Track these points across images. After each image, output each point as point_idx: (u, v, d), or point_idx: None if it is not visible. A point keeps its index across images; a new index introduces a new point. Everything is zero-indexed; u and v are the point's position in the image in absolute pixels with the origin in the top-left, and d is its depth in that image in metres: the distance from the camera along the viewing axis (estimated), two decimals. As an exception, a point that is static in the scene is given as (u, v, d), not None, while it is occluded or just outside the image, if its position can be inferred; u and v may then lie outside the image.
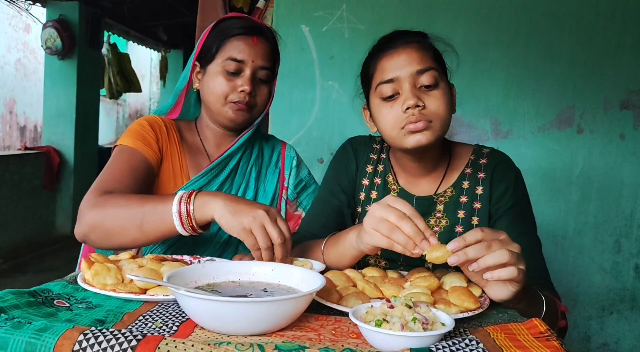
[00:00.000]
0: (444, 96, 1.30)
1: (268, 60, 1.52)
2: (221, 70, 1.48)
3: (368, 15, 2.76)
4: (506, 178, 1.38)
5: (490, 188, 1.38)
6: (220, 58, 1.48)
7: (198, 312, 0.87)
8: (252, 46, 1.48)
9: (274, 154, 1.67)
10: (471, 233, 0.98)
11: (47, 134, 6.11)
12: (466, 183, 1.40)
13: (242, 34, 1.49)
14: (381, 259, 1.43)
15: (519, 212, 1.38)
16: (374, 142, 1.54)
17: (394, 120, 1.30)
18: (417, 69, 1.29)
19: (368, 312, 0.88)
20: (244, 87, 1.46)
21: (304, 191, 1.68)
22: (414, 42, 1.33)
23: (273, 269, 1.06)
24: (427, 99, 1.28)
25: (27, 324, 0.80)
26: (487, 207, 1.38)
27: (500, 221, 1.37)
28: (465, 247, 0.97)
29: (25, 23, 7.09)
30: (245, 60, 1.47)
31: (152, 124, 1.52)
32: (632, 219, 2.68)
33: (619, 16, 2.63)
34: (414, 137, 1.28)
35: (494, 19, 2.69)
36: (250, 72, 1.47)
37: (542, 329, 0.88)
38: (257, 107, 1.52)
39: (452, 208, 1.40)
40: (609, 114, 2.67)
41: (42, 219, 5.80)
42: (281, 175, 1.65)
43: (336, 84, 2.80)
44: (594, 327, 2.76)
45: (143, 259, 1.17)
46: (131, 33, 7.47)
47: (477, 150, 1.44)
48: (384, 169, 1.49)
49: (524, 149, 2.68)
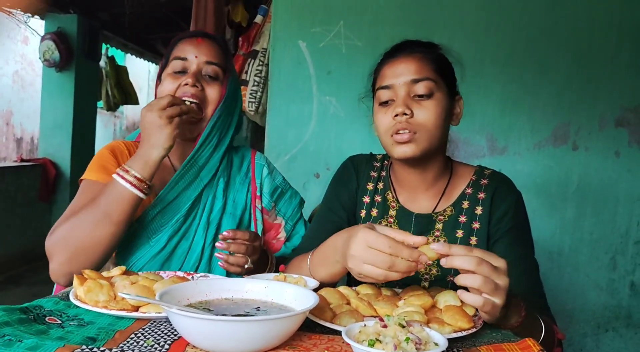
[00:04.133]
0: (436, 107, 1.31)
1: (215, 57, 1.53)
2: (170, 73, 1.51)
3: (365, 32, 2.79)
4: (507, 200, 1.38)
5: (490, 209, 1.38)
6: (170, 63, 1.52)
7: (190, 331, 0.86)
8: (196, 45, 1.52)
9: (244, 163, 1.65)
10: (460, 247, 0.98)
11: (44, 145, 6.10)
12: (466, 203, 1.40)
13: (188, 37, 1.54)
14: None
15: (517, 235, 1.37)
16: (374, 160, 1.54)
17: (385, 126, 1.34)
18: (412, 78, 1.32)
19: (361, 332, 0.88)
20: (187, 80, 1.47)
21: (281, 197, 1.65)
22: (417, 53, 1.36)
23: (266, 287, 1.05)
24: (418, 108, 1.31)
25: (18, 342, 0.79)
26: (486, 228, 1.37)
27: (498, 242, 1.36)
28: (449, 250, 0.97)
29: (23, 35, 7.11)
30: (188, 57, 1.50)
31: (113, 151, 1.54)
32: (627, 236, 2.68)
33: (614, 34, 2.66)
34: (400, 148, 1.31)
35: (490, 36, 2.71)
36: (196, 67, 1.50)
37: (535, 350, 0.87)
38: (209, 102, 1.50)
39: (451, 227, 1.39)
40: (604, 131, 2.68)
41: (37, 231, 5.77)
42: (252, 184, 1.62)
43: (333, 99, 2.81)
44: (590, 344, 2.74)
45: (137, 275, 1.16)
46: (129, 45, 7.49)
47: (478, 171, 1.45)
48: (384, 186, 1.49)
49: (520, 166, 2.69)
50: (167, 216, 1.48)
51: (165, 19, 6.62)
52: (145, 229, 1.46)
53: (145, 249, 1.46)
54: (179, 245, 1.49)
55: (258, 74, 3.40)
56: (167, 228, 1.47)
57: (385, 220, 1.45)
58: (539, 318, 1.14)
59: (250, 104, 3.42)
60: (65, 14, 5.88)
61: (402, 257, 0.98)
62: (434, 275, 1.38)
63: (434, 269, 1.38)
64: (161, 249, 1.46)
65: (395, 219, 1.44)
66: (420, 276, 1.38)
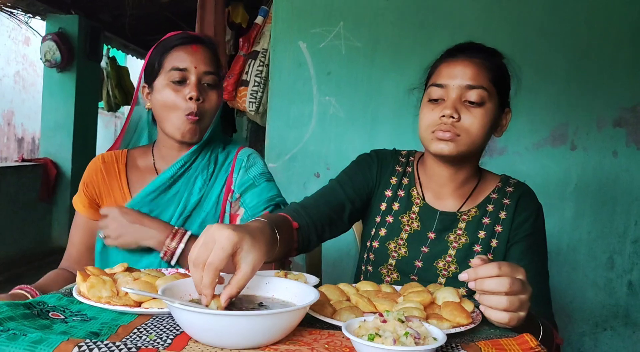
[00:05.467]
0: (484, 117, 1.33)
1: (211, 65, 1.53)
2: (167, 82, 1.50)
3: (365, 33, 2.80)
4: (529, 208, 1.43)
5: (513, 214, 1.41)
6: (164, 71, 1.51)
7: (192, 326, 0.88)
8: (192, 53, 1.51)
9: (227, 160, 1.63)
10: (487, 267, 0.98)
11: (45, 146, 6.11)
12: (491, 206, 1.43)
13: (180, 44, 1.52)
14: (394, 271, 1.44)
15: (533, 242, 1.41)
16: (399, 156, 1.55)
17: (428, 122, 1.36)
18: (467, 84, 1.33)
19: (361, 327, 0.89)
20: (191, 93, 1.47)
21: (248, 190, 1.58)
22: (478, 58, 1.37)
23: (267, 283, 1.07)
24: (466, 114, 1.32)
25: (23, 336, 0.81)
26: (508, 232, 1.41)
27: (515, 246, 1.40)
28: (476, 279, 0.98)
29: (24, 36, 7.13)
30: (188, 67, 1.49)
31: (89, 172, 1.61)
32: (625, 235, 2.70)
33: (612, 35, 2.67)
34: (438, 145, 1.33)
35: (489, 38, 2.69)
36: (196, 78, 1.49)
37: (532, 345, 0.89)
38: (207, 113, 1.52)
39: (474, 227, 1.42)
40: (602, 132, 2.69)
41: (38, 231, 5.78)
42: (229, 178, 1.60)
43: (333, 99, 2.83)
44: (588, 343, 2.76)
45: (139, 272, 1.18)
46: (130, 46, 7.50)
47: (504, 179, 1.49)
48: (409, 182, 1.50)
49: (519, 166, 2.70)
50: (143, 210, 1.52)
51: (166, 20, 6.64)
52: None
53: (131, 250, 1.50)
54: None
55: (258, 74, 3.42)
56: None
57: (407, 215, 1.46)
58: (537, 320, 1.15)
59: (250, 104, 3.43)
60: (66, 15, 5.89)
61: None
62: (452, 272, 1.40)
63: (452, 266, 1.40)
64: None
65: (417, 215, 1.46)
66: (439, 271, 1.40)
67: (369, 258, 1.48)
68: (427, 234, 1.43)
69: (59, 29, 5.84)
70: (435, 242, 1.42)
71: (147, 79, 1.57)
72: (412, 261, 1.42)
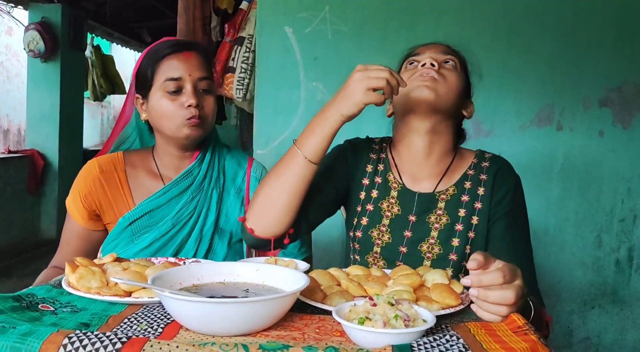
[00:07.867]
0: (457, 79, 1.40)
1: (205, 71, 1.52)
2: (162, 93, 1.47)
3: (351, 17, 2.78)
4: (507, 182, 1.43)
5: (492, 190, 1.42)
6: (158, 82, 1.48)
7: (182, 314, 0.88)
8: (185, 61, 1.48)
9: (239, 174, 1.63)
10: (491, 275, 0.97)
11: (31, 137, 6.05)
12: (468, 183, 1.44)
13: (172, 52, 1.49)
14: (380, 259, 1.45)
15: (515, 218, 1.41)
16: (372, 143, 1.55)
17: (407, 78, 1.38)
18: (442, 51, 1.44)
19: (351, 311, 0.90)
20: (190, 101, 1.45)
21: None
22: (445, 45, 1.48)
23: (257, 270, 1.07)
24: (443, 69, 1.39)
25: (12, 328, 0.80)
26: (487, 208, 1.41)
27: (497, 224, 1.40)
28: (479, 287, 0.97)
29: (7, 26, 7.02)
30: (182, 76, 1.47)
31: (86, 182, 1.54)
32: (612, 214, 2.73)
33: (597, 16, 2.67)
34: (420, 90, 1.35)
35: (475, 20, 2.72)
36: (192, 86, 1.47)
37: (520, 324, 0.90)
38: (208, 118, 1.52)
39: (453, 206, 1.42)
40: (588, 112, 2.71)
41: (26, 222, 5.75)
42: (246, 199, 1.60)
43: (320, 85, 2.81)
44: (576, 321, 2.80)
45: (128, 262, 1.18)
46: (115, 35, 7.42)
47: (479, 155, 1.49)
48: (385, 168, 1.50)
49: (505, 147, 2.71)
50: (154, 218, 1.51)
51: (150, 8, 6.56)
52: (131, 227, 1.51)
53: (129, 246, 1.49)
54: (164, 248, 1.50)
55: (245, 61, 3.39)
56: (153, 230, 1.50)
57: (387, 201, 1.46)
58: (528, 300, 1.16)
59: (237, 91, 3.41)
60: (49, 4, 5.81)
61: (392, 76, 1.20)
62: (436, 253, 1.40)
63: (436, 247, 1.40)
64: (144, 248, 1.49)
65: (397, 200, 1.46)
66: (423, 255, 1.41)
67: (355, 248, 1.49)
68: (408, 218, 1.43)
69: (41, 19, 5.77)
70: (417, 225, 1.42)
71: (140, 90, 1.54)
72: (397, 248, 1.42)
